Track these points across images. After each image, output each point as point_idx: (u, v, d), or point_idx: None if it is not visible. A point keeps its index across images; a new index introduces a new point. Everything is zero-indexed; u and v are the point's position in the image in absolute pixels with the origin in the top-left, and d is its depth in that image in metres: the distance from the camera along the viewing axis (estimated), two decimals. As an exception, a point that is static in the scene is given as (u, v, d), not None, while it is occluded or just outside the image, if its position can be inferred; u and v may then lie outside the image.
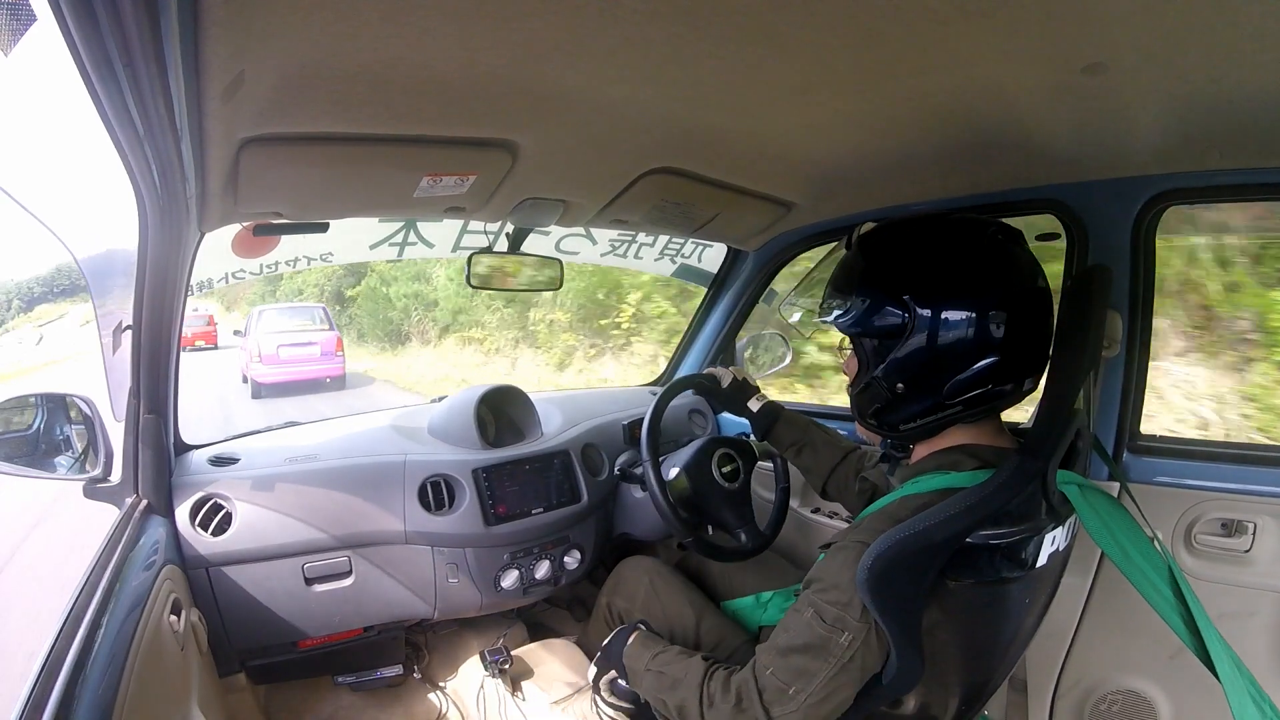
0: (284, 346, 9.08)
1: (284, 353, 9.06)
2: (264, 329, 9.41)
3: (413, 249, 2.11)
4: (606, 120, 0.96)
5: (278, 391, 8.96)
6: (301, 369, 9.14)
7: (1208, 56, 0.73)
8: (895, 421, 0.88)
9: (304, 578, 1.31)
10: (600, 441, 1.68)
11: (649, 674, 0.95)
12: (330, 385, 9.38)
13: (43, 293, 29.26)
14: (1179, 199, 1.13)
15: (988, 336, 0.79)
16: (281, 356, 9.04)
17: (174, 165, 0.80)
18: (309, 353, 9.28)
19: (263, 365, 8.97)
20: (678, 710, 0.88)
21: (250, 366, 9.15)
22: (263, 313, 10.12)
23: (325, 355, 9.39)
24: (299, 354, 9.18)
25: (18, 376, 14.45)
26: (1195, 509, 1.12)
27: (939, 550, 0.74)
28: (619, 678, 1.04)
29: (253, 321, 9.80)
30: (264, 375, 8.98)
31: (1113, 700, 1.24)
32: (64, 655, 0.71)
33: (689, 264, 2.27)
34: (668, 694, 0.90)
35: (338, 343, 9.64)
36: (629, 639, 1.04)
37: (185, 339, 6.11)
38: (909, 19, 0.67)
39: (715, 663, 0.89)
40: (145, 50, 0.54)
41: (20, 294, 29.63)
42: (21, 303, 28.44)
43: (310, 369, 9.22)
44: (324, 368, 9.35)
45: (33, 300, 28.86)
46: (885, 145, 1.09)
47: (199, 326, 16.48)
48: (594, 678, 1.08)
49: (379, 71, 0.74)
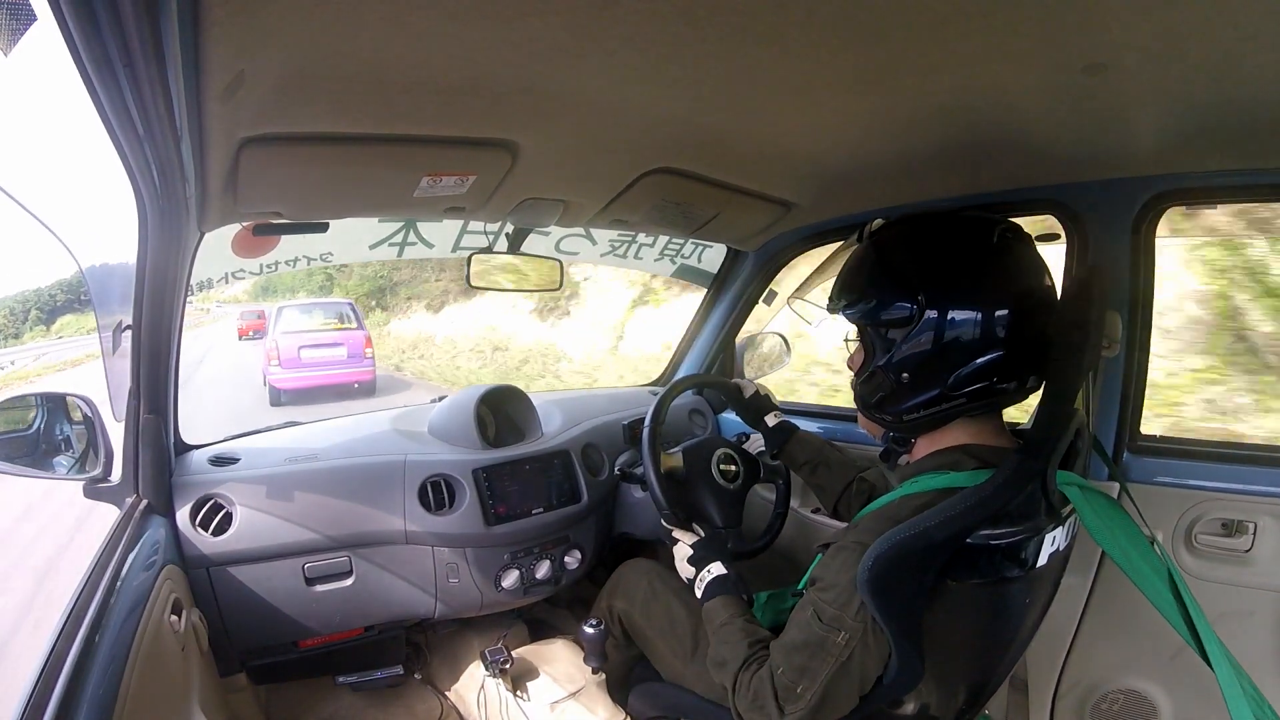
0: (306, 348, 8.06)
1: (306, 355, 8.04)
2: (283, 328, 8.35)
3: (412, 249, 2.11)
4: (606, 120, 0.96)
5: (299, 398, 7.98)
6: (326, 373, 8.09)
7: (1208, 56, 0.73)
8: (899, 412, 0.89)
9: (304, 578, 1.31)
10: (600, 441, 1.68)
11: (715, 636, 0.96)
12: (359, 391, 8.33)
13: (67, 301, 28.97)
14: (1179, 199, 1.13)
15: (993, 333, 0.80)
16: (303, 359, 8.01)
17: (174, 165, 0.80)
18: (334, 354, 8.22)
19: (282, 369, 7.96)
20: (721, 685, 0.90)
21: (269, 370, 8.14)
22: (282, 310, 8.93)
23: (353, 357, 8.32)
24: (323, 356, 8.13)
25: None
26: (1195, 509, 1.12)
27: (939, 550, 0.74)
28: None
29: (271, 320, 8.82)
30: (284, 380, 7.97)
31: (1113, 700, 1.24)
32: (65, 655, 0.71)
33: (689, 264, 2.27)
34: (716, 669, 0.92)
35: (366, 342, 8.52)
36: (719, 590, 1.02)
37: (241, 330, 7.86)
38: (909, 19, 0.67)
39: (754, 654, 0.89)
40: (145, 50, 0.54)
41: (40, 304, 29.20)
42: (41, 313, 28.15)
43: (336, 373, 8.15)
44: (351, 371, 8.29)
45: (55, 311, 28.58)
46: (885, 145, 1.09)
47: (251, 320, 16.60)
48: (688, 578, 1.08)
49: (379, 71, 0.74)
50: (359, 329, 8.78)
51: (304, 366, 8.03)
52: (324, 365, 8.12)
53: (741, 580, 1.04)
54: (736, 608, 0.97)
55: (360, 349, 8.40)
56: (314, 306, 9.58)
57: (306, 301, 10.89)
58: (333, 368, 8.18)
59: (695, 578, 1.06)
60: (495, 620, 1.65)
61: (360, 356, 8.38)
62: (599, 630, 1.29)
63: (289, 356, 8.00)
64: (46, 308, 30.06)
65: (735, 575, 1.04)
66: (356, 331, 8.65)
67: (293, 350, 8.02)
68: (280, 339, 8.14)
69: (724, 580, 1.03)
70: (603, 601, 1.34)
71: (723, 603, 0.99)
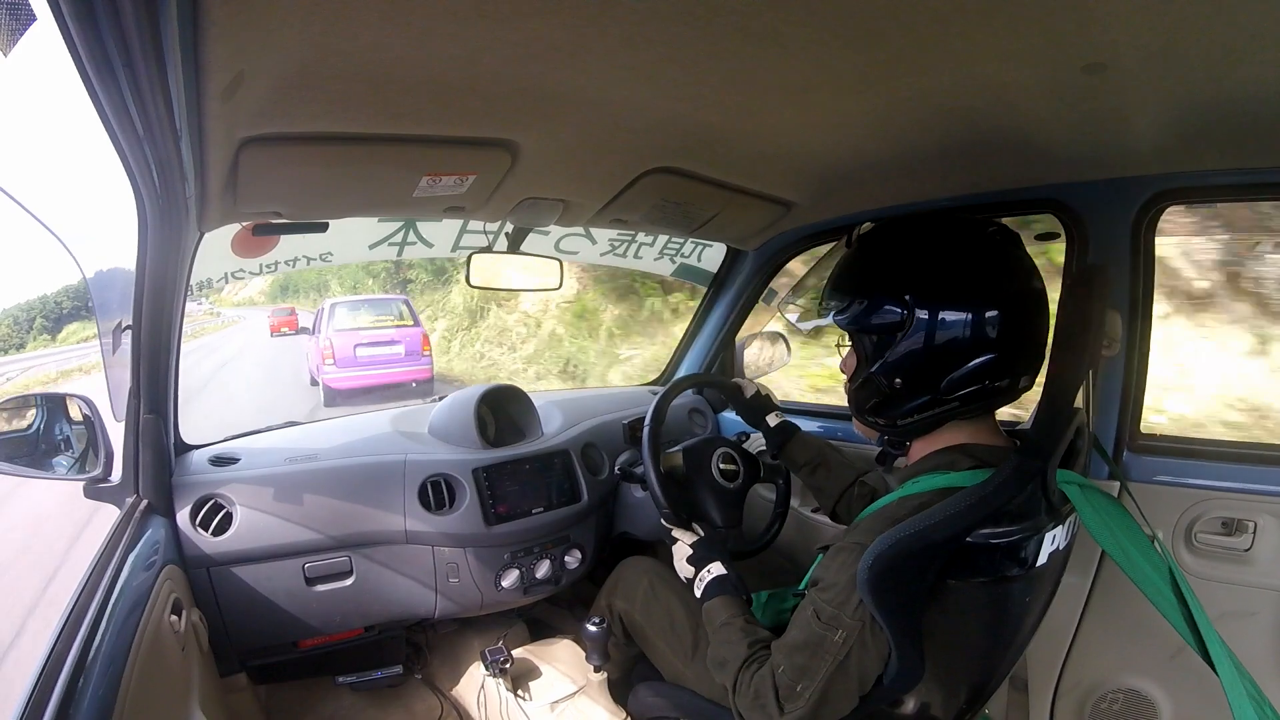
0: (362, 346, 7.68)
1: (362, 353, 7.65)
2: (337, 326, 7.93)
3: (412, 248, 2.11)
4: (606, 120, 0.96)
5: (354, 398, 7.54)
6: (383, 372, 7.69)
7: (1208, 56, 0.73)
8: (893, 417, 0.89)
9: (305, 578, 1.31)
10: (600, 441, 1.68)
11: (715, 636, 0.96)
12: (416, 390, 7.85)
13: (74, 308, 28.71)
14: (1178, 199, 1.13)
15: (983, 335, 0.80)
16: (359, 357, 7.63)
17: (173, 165, 0.80)
18: (391, 353, 7.81)
19: (337, 369, 7.57)
20: (722, 685, 0.90)
21: (322, 370, 7.73)
22: (335, 307, 8.44)
23: (410, 355, 7.89)
24: (380, 354, 7.74)
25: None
26: (1196, 508, 1.12)
27: (939, 550, 0.74)
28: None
29: (323, 317, 8.30)
30: (339, 380, 7.56)
31: (1114, 699, 1.24)
32: (65, 655, 0.71)
33: (688, 263, 2.28)
34: (717, 669, 0.92)
35: (424, 340, 8.12)
36: (718, 591, 1.02)
37: (273, 327, 8.51)
38: (909, 19, 0.67)
39: (755, 654, 0.89)
40: (145, 50, 0.54)
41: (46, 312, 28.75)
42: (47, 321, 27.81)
43: (393, 371, 7.74)
44: (409, 370, 7.84)
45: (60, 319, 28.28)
46: (885, 145, 1.09)
47: (283, 316, 16.76)
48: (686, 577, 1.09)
49: (379, 71, 0.74)
50: (415, 325, 8.37)
51: (360, 365, 7.65)
52: (381, 364, 7.74)
53: (741, 580, 1.04)
54: (736, 608, 0.97)
55: (418, 346, 8.02)
56: (366, 303, 9.10)
57: (360, 298, 10.35)
58: (390, 366, 7.77)
59: (695, 577, 1.06)
60: (495, 620, 1.65)
61: (418, 354, 7.99)
62: (601, 628, 1.29)
63: (344, 355, 7.62)
64: (52, 315, 29.92)
65: (735, 575, 1.04)
66: (413, 328, 8.24)
67: (348, 349, 7.65)
68: (335, 337, 7.73)
69: (723, 580, 1.03)
70: (602, 601, 1.34)
71: (722, 603, 0.99)
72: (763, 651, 0.87)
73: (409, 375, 7.84)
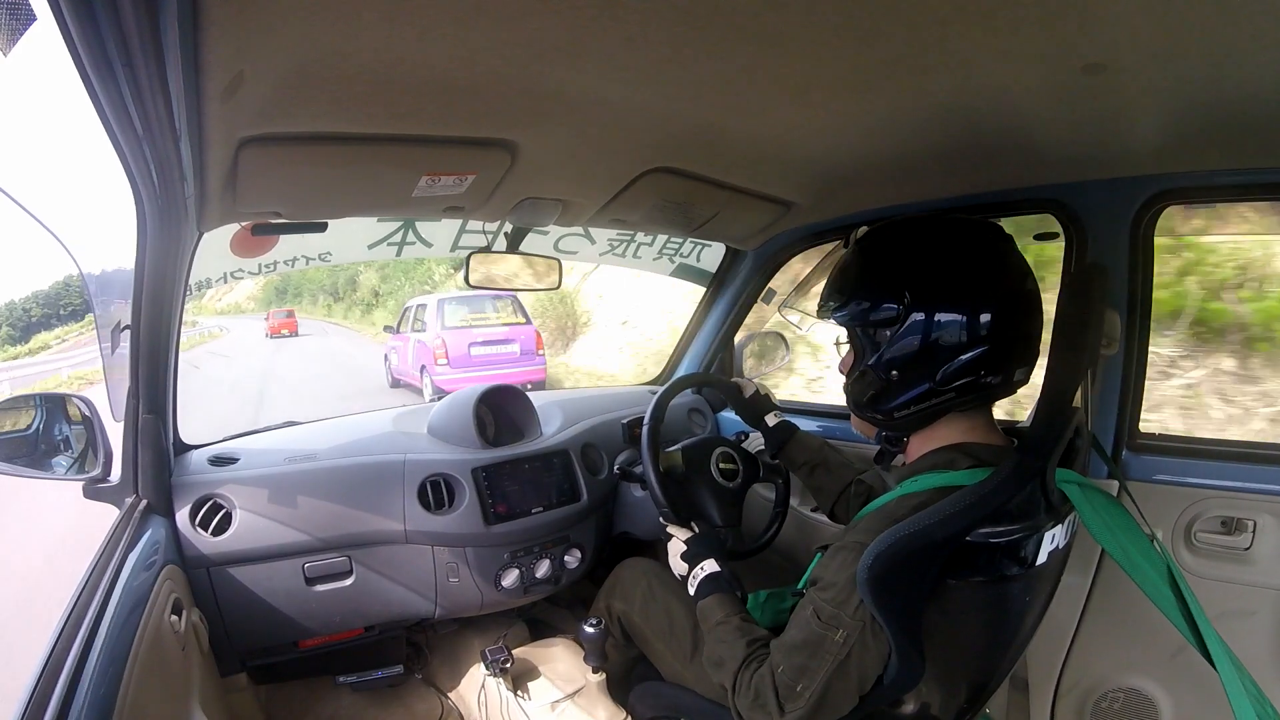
0: (476, 345, 7.36)
1: (477, 352, 7.31)
2: (449, 322, 7.56)
3: (411, 248, 2.10)
4: (606, 120, 0.96)
5: None
6: (498, 372, 7.14)
7: (1208, 56, 0.73)
8: (890, 409, 0.90)
9: (304, 577, 1.31)
10: (600, 441, 1.69)
11: (710, 635, 0.96)
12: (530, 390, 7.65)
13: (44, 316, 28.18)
14: (1177, 199, 1.14)
15: (977, 329, 0.82)
16: (474, 356, 7.28)
17: (173, 165, 0.80)
18: (507, 352, 7.45)
19: (451, 369, 7.22)
20: (720, 685, 0.91)
21: (435, 370, 7.34)
22: (443, 304, 7.94)
23: (525, 355, 7.56)
24: (495, 354, 7.39)
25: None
26: (1195, 507, 1.12)
27: (939, 549, 0.74)
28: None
29: (431, 314, 7.84)
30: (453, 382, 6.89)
31: (1114, 699, 1.24)
32: (65, 655, 0.71)
33: (688, 263, 2.27)
34: (714, 669, 0.92)
35: (538, 339, 7.81)
36: (712, 589, 1.02)
37: (272, 329, 8.08)
38: (909, 19, 0.67)
39: (753, 653, 0.89)
40: (145, 50, 0.54)
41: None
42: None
43: (508, 371, 7.24)
44: (524, 370, 7.42)
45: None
46: (885, 145, 1.09)
47: (282, 319, 16.80)
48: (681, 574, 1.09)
49: (379, 71, 0.74)
50: (527, 323, 7.97)
51: (475, 365, 7.26)
52: (496, 363, 7.36)
53: (735, 578, 1.04)
54: (731, 606, 0.98)
55: (533, 345, 7.69)
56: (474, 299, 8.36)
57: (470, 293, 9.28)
58: (505, 366, 7.35)
59: (688, 575, 1.06)
60: (495, 620, 1.65)
61: (533, 354, 7.66)
62: (599, 630, 1.29)
63: (459, 355, 7.28)
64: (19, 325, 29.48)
65: (729, 573, 1.04)
66: (526, 326, 7.87)
67: (462, 348, 7.31)
68: (447, 336, 7.37)
69: (717, 578, 1.03)
70: (600, 602, 1.34)
71: (717, 601, 0.99)
72: (761, 651, 0.87)
73: (524, 376, 7.33)
